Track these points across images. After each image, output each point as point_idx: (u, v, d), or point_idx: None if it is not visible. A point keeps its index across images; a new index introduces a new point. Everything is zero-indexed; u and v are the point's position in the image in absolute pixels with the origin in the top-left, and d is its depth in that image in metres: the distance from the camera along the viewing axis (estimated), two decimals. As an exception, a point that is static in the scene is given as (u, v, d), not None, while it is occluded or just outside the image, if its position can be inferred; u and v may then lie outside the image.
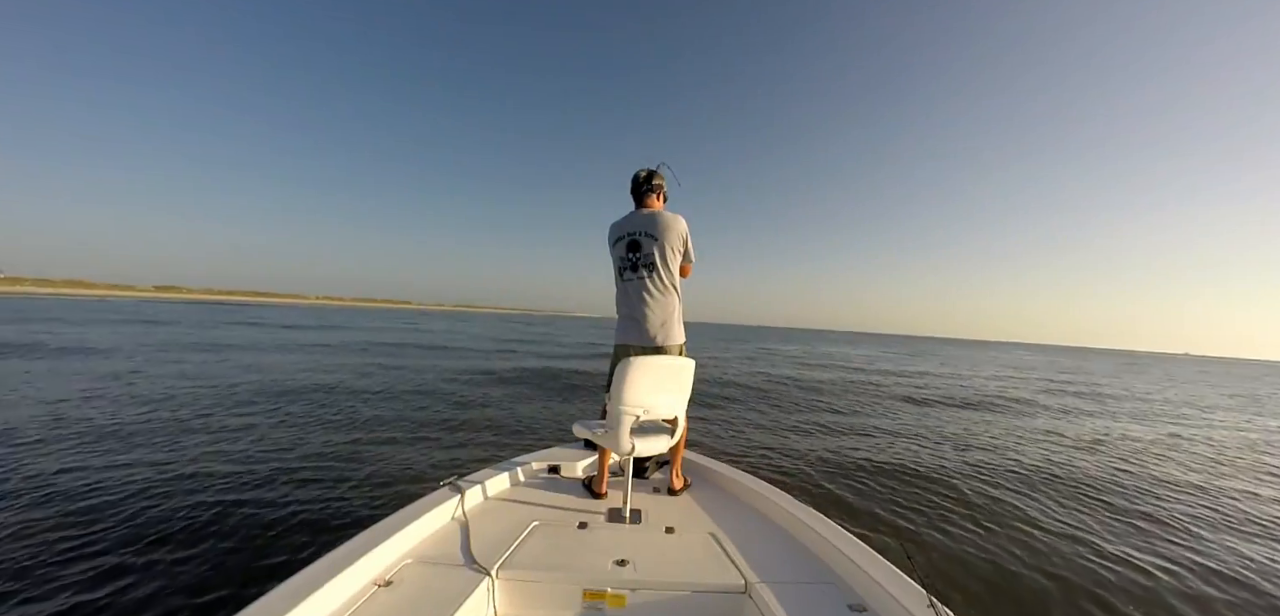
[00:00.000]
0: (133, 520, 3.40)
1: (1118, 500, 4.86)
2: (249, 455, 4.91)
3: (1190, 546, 3.84)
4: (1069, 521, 4.20)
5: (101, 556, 2.93)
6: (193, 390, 8.08)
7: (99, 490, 3.85)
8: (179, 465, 4.52)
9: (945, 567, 3.30)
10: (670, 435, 2.36)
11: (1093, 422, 9.44)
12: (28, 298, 63.44)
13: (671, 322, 2.50)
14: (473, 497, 2.33)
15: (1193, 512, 4.63)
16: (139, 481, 4.06)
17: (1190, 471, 6.18)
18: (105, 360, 11.02)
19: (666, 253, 2.48)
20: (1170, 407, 12.77)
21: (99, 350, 12.78)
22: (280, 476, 4.35)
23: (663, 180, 2.64)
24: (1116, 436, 8.22)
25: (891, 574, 1.65)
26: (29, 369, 9.40)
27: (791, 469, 5.31)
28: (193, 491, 3.90)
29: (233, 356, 12.95)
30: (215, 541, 3.17)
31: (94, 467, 4.32)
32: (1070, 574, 3.30)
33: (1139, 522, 4.29)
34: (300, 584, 1.46)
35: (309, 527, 3.40)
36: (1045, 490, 5.04)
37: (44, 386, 7.78)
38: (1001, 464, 5.94)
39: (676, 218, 2.51)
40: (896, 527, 3.88)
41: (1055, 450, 6.90)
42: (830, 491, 4.64)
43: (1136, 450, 7.24)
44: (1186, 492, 5.28)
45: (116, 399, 7.12)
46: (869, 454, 6.03)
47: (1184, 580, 3.31)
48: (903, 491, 4.71)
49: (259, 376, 9.66)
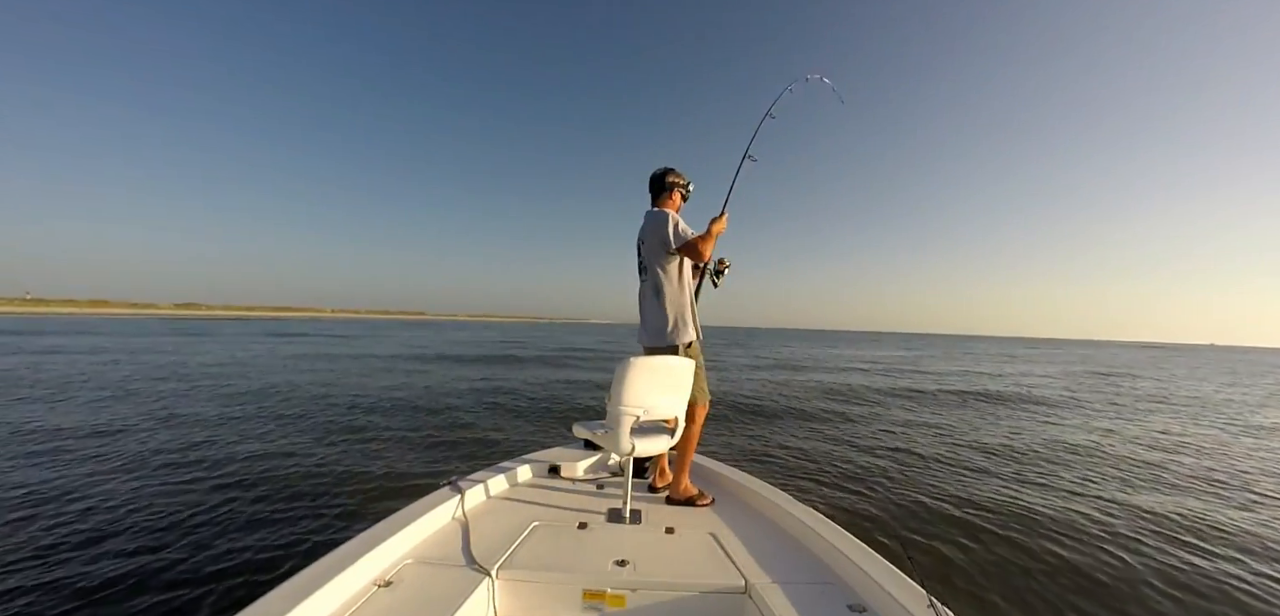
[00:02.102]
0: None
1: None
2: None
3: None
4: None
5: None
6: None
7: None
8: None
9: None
10: (670, 435, 2.36)
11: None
12: (74, 318, 63.20)
13: (671, 323, 2.50)
14: (473, 497, 2.33)
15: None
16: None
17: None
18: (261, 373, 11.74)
19: (654, 254, 2.52)
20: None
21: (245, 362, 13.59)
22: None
23: (678, 177, 2.65)
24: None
25: (891, 574, 1.65)
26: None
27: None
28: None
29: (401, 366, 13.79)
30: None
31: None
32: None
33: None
34: (300, 584, 1.46)
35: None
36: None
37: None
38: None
39: (661, 214, 2.53)
40: (897, 527, 3.89)
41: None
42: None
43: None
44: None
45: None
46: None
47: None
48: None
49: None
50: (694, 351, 2.55)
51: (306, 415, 7.07)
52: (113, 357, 14.43)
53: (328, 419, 6.80)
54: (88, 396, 8.07)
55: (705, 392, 2.61)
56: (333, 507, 3.81)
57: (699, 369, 2.52)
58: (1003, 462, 5.99)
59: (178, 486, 4.14)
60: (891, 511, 4.23)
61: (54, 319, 49.18)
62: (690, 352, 2.53)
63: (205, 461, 4.83)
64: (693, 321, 2.56)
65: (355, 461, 4.98)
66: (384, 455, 5.25)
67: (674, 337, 2.50)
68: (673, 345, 2.50)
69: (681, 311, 2.52)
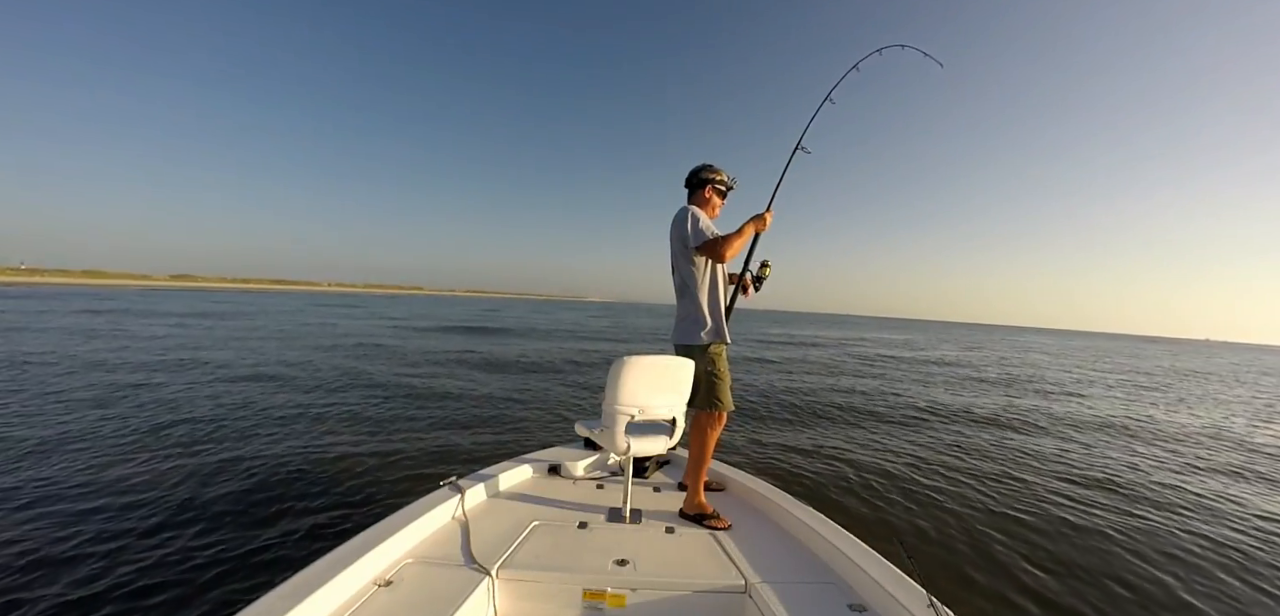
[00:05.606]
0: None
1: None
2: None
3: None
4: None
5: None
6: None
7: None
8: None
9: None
10: (669, 435, 2.35)
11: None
12: (78, 288, 62.82)
13: (686, 322, 2.48)
14: (473, 497, 2.33)
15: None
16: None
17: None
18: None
19: (676, 252, 2.52)
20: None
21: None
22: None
23: (714, 173, 2.58)
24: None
25: (891, 574, 1.65)
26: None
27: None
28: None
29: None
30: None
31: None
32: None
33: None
34: (300, 584, 1.46)
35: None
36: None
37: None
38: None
39: (684, 210, 2.50)
40: (897, 528, 3.88)
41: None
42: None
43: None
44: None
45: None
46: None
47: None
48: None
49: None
50: (717, 354, 2.45)
51: (293, 397, 7.07)
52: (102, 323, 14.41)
53: (316, 403, 6.80)
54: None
55: (723, 401, 2.42)
56: (334, 507, 3.81)
57: (721, 376, 2.42)
58: (1004, 461, 5.99)
59: (177, 483, 4.14)
60: (891, 511, 4.23)
61: (62, 289, 48.65)
62: (709, 354, 2.43)
63: (190, 450, 4.83)
64: (714, 321, 2.45)
65: (354, 458, 4.97)
66: (384, 454, 5.25)
67: (693, 337, 2.45)
68: (691, 345, 2.45)
69: (700, 310, 2.46)
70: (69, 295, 40.28)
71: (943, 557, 3.44)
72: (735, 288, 2.71)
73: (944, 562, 3.37)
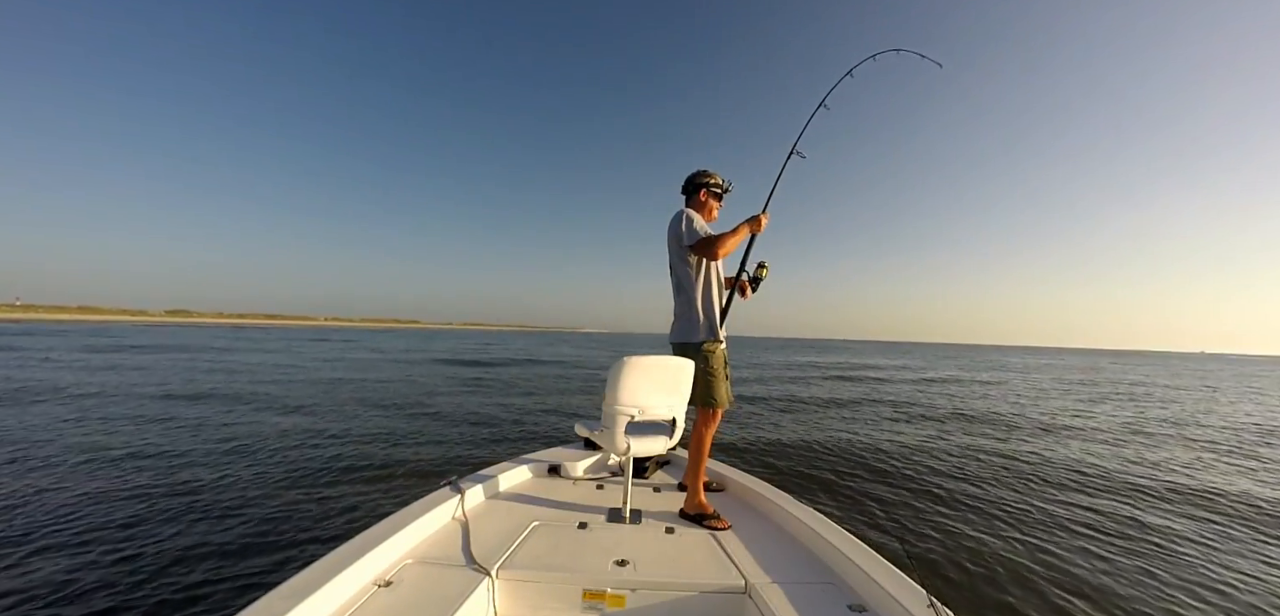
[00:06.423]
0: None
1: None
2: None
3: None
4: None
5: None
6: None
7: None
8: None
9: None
10: (669, 435, 2.35)
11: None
12: (75, 325, 62.54)
13: (682, 320, 2.51)
14: (473, 497, 2.33)
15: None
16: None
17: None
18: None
19: (672, 252, 2.55)
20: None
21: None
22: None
23: (709, 177, 2.63)
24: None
25: (891, 574, 1.65)
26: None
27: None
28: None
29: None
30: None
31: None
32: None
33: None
34: (300, 584, 1.45)
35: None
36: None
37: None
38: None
39: (678, 212, 2.54)
40: (897, 527, 3.88)
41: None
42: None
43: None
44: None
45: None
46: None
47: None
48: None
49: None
50: (710, 352, 2.47)
51: (306, 414, 7.08)
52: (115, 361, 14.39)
53: (324, 422, 6.80)
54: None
55: (721, 399, 2.46)
56: (332, 507, 3.81)
57: (714, 373, 2.45)
58: (1004, 460, 5.99)
59: (178, 486, 4.14)
60: (892, 511, 4.22)
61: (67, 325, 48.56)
62: (704, 353, 2.46)
63: (202, 459, 4.84)
64: (709, 321, 2.49)
65: (355, 461, 4.97)
66: (384, 454, 5.25)
67: (687, 336, 2.49)
68: (688, 343, 2.48)
69: (695, 308, 2.49)
70: (70, 332, 40.18)
71: (943, 558, 3.44)
72: (732, 289, 2.72)
73: (944, 563, 3.37)
